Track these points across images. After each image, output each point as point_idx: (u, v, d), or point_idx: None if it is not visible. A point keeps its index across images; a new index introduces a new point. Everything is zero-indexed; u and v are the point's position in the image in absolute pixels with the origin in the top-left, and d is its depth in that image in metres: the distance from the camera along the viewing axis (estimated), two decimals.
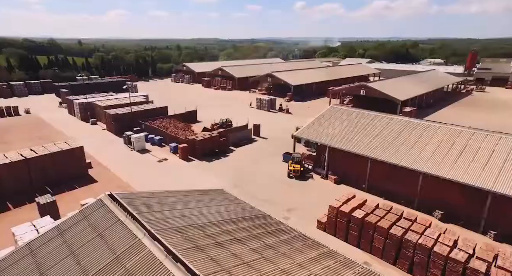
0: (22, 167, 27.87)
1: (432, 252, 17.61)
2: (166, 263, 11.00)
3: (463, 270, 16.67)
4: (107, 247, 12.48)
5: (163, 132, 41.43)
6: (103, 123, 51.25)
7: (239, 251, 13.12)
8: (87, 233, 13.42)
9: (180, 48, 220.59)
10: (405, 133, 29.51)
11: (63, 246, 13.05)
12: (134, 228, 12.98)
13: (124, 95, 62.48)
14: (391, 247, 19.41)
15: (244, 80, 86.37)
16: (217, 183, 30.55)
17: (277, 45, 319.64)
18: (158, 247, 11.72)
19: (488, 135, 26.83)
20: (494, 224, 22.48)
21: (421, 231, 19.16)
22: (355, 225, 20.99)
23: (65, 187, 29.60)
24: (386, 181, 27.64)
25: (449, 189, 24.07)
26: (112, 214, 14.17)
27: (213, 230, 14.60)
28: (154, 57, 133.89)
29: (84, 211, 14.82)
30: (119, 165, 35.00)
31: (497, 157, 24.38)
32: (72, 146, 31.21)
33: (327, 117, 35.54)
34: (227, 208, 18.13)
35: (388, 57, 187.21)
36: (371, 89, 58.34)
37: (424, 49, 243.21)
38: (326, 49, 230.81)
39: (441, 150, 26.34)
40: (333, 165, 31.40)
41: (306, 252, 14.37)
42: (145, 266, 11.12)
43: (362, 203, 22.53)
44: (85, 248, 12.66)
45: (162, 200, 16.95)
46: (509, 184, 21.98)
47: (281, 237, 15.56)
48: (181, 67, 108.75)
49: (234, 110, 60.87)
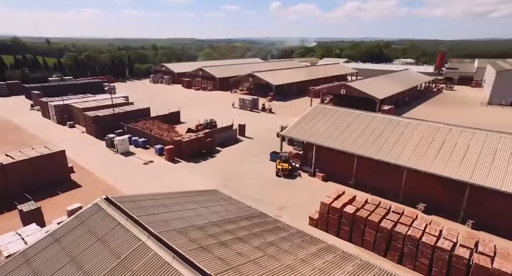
0: None
1: (421, 243, 18.60)
2: (174, 264, 11.01)
3: (449, 257, 17.72)
4: (109, 251, 12.27)
5: (148, 134, 40.67)
6: (82, 125, 49.51)
7: (243, 249, 13.30)
8: (87, 239, 13.11)
9: (156, 48, 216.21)
10: (388, 131, 30.76)
11: (62, 253, 12.68)
12: (136, 231, 12.83)
13: (103, 96, 60.63)
14: (381, 240, 20.27)
15: (225, 80, 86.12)
16: (206, 184, 30.47)
17: (254, 45, 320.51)
18: (164, 249, 11.68)
19: (463, 131, 28.54)
20: (472, 214, 24.00)
21: (409, 223, 20.14)
22: (347, 220, 21.71)
23: (46, 193, 28.41)
24: (372, 177, 28.71)
25: (431, 182, 25.40)
26: (111, 218, 13.91)
27: (214, 230, 14.68)
28: (130, 57, 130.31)
29: (80, 216, 14.43)
30: (103, 168, 34.02)
31: (472, 151, 26.01)
32: (53, 150, 30.01)
33: (312, 116, 36.31)
34: (224, 208, 18.23)
35: (363, 57, 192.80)
36: (351, 88, 60.07)
37: (396, 50, 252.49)
38: (303, 49, 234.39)
39: (422, 146, 27.72)
40: (321, 163, 32.17)
41: (306, 247, 14.77)
42: (153, 268, 11.07)
43: (352, 199, 23.33)
44: (86, 253, 12.37)
45: (159, 202, 16.80)
46: (484, 176, 23.54)
47: (280, 235, 15.88)
48: (160, 68, 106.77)
49: (217, 111, 60.64)
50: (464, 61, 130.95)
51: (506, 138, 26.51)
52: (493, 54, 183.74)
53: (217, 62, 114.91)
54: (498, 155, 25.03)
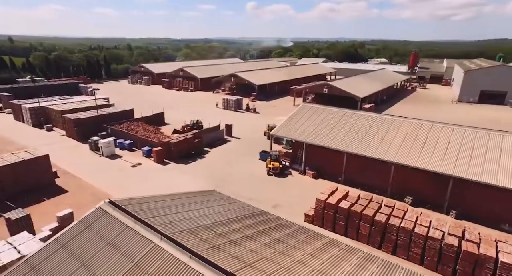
0: None
1: (413, 233, 19.64)
2: (192, 264, 11.11)
3: (439, 246, 18.85)
4: (121, 254, 12.15)
5: (134, 136, 39.79)
6: (61, 128, 47.59)
7: (254, 247, 13.56)
8: (95, 243, 12.88)
9: (132, 48, 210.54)
10: (374, 128, 31.99)
11: (71, 258, 12.39)
12: (147, 233, 12.78)
13: (81, 98, 58.57)
14: (376, 233, 21.17)
15: (206, 80, 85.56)
16: (197, 185, 30.35)
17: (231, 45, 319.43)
18: (179, 249, 11.73)
19: (444, 127, 30.24)
20: (455, 205, 25.55)
21: (401, 216, 21.18)
22: (342, 215, 22.47)
23: (31, 200, 27.21)
24: (361, 173, 29.78)
25: (417, 177, 26.76)
26: (118, 221, 13.73)
27: (222, 229, 14.83)
28: (101, 57, 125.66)
29: (85, 220, 14.11)
30: (89, 172, 32.99)
31: (453, 146, 27.65)
32: (35, 155, 28.77)
33: (300, 115, 37.03)
34: (226, 207, 18.37)
35: (339, 56, 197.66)
36: (333, 87, 61.64)
37: (370, 50, 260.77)
38: (281, 49, 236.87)
39: (407, 142, 29.11)
40: (311, 161, 32.92)
41: (312, 243, 15.25)
42: (170, 269, 11.10)
43: (345, 194, 24.14)
44: (97, 258, 12.18)
45: (162, 204, 16.70)
46: (465, 168, 25.13)
47: (284, 231, 16.26)
48: (138, 68, 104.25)
49: (201, 111, 60.24)
50: (434, 61, 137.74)
51: (482, 133, 28.38)
52: (457, 54, 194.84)
53: (197, 62, 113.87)
54: (476, 149, 26.77)
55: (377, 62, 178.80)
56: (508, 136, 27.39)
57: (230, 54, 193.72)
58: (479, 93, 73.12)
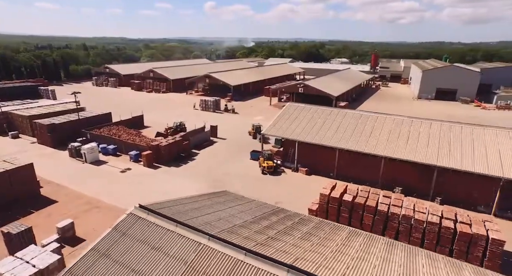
0: None
1: (414, 220, 21.51)
2: (248, 260, 11.51)
3: (438, 229, 20.88)
4: (170, 258, 12.17)
5: (118, 140, 38.21)
6: (30, 135, 44.24)
7: (291, 241, 14.20)
8: (139, 248, 12.70)
9: (87, 47, 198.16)
10: (361, 125, 34.04)
11: (117, 266, 12.13)
12: (191, 235, 12.91)
13: (48, 102, 54.68)
14: (379, 222, 22.80)
15: (178, 81, 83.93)
16: (196, 187, 30.19)
17: (192, 45, 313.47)
18: (231, 248, 12.05)
19: (422, 122, 33.09)
20: (439, 192, 28.21)
21: (400, 205, 23.02)
22: (346, 207, 23.84)
23: (16, 213, 25.24)
24: (352, 168, 31.59)
25: (404, 168, 29.08)
26: (156, 225, 13.66)
27: (255, 227, 15.27)
28: (56, 57, 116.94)
29: (119, 227, 13.79)
30: (75, 180, 31.25)
31: (433, 139, 30.42)
32: (17, 164, 26.71)
33: (288, 115, 38.15)
34: (246, 206, 18.75)
35: (303, 56, 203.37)
36: (309, 87, 63.86)
37: (330, 50, 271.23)
38: (245, 50, 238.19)
39: (393, 137, 31.45)
40: (303, 158, 34.15)
41: (338, 233, 16.24)
42: (227, 268, 11.40)
43: (345, 188, 25.58)
44: (146, 263, 12.06)
45: (188, 206, 16.70)
46: (447, 159, 27.86)
47: (309, 225, 17.08)
48: (103, 69, 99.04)
49: (179, 113, 59.21)
50: (392, 61, 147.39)
51: (455, 127, 31.53)
52: (408, 55, 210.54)
53: (167, 63, 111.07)
54: (453, 141, 29.73)
55: (339, 62, 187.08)
56: (477, 128, 30.75)
57: (196, 54, 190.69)
58: (436, 91, 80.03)
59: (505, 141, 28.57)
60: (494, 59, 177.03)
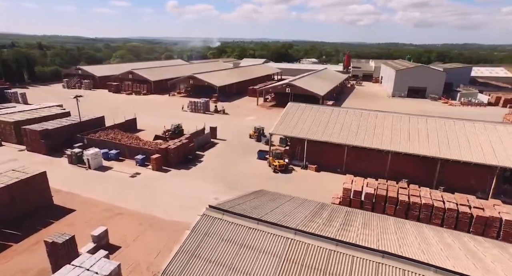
0: None
1: (434, 207, 23.61)
2: (340, 249, 12.41)
3: (456, 215, 23.15)
4: (264, 253, 12.73)
5: (120, 144, 36.94)
6: (15, 143, 41.25)
7: (362, 232, 15.23)
8: (227, 247, 13.08)
9: (42, 46, 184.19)
10: (363, 122, 36.10)
11: (213, 265, 12.40)
12: (276, 231, 13.52)
13: (26, 107, 51.07)
14: (400, 211, 24.66)
15: (159, 83, 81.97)
16: (214, 189, 30.37)
17: (155, 45, 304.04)
18: (321, 240, 12.87)
19: (419, 118, 35.87)
20: (441, 182, 30.90)
21: (417, 195, 25.10)
22: (369, 199, 25.47)
23: (35, 224, 23.87)
24: (359, 162, 33.48)
25: (409, 161, 31.45)
26: (235, 224, 14.06)
27: (319, 220, 16.12)
28: (26, 57, 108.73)
29: (197, 229, 14.01)
30: (85, 187, 29.94)
31: (432, 133, 33.18)
32: (30, 173, 25.18)
33: (291, 114, 39.31)
34: (294, 203, 19.46)
35: (273, 56, 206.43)
36: (296, 87, 65.67)
37: (299, 50, 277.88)
38: (216, 50, 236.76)
39: (395, 132, 33.80)
40: (311, 156, 35.47)
41: (387, 221, 17.58)
42: (321, 257, 12.20)
43: (364, 182, 27.25)
44: (240, 260, 12.49)
45: (247, 205, 17.10)
46: (448, 151, 30.61)
47: (359, 216, 18.25)
48: (75, 71, 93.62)
49: (169, 115, 58.14)
50: (361, 61, 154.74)
51: (449, 121, 34.61)
52: (372, 55, 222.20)
53: (145, 64, 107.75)
54: (450, 135, 32.66)
55: (310, 62, 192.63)
56: (467, 123, 34.04)
57: (167, 55, 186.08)
58: (408, 89, 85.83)
59: (493, 133, 31.98)
60: (446, 59, 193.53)
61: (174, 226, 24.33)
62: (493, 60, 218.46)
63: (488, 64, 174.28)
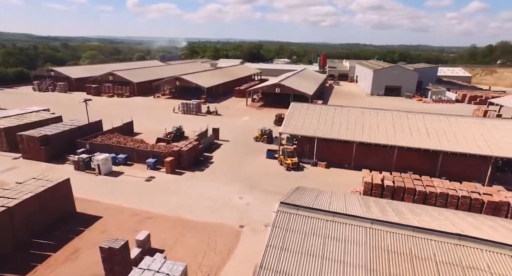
0: (4, 220, 19.94)
1: (449, 196, 25.97)
2: (417, 234, 13.70)
3: (470, 201, 25.66)
4: (349, 243, 13.68)
5: (130, 148, 35.92)
6: (6, 151, 38.56)
7: (417, 218, 16.67)
8: (313, 239, 13.85)
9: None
10: (366, 119, 38.26)
11: (305, 256, 13.12)
12: (353, 222, 14.57)
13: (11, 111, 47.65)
14: (418, 201, 26.77)
15: (142, 84, 79.74)
16: (235, 189, 30.80)
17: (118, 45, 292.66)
18: (394, 226, 14.07)
19: (416, 114, 38.74)
20: (443, 173, 33.74)
21: (431, 185, 27.40)
22: (388, 191, 27.36)
23: (66, 233, 22.93)
24: (367, 158, 35.50)
25: (413, 155, 33.97)
26: (311, 218, 14.93)
27: (376, 210, 17.35)
28: None
29: (277, 225, 14.62)
30: (102, 193, 28.97)
31: (430, 128, 36.04)
32: (57, 181, 24.06)
33: (296, 114, 40.58)
34: (341, 196, 20.46)
35: (246, 57, 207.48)
36: (285, 87, 67.23)
37: (269, 50, 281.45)
38: (188, 50, 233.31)
39: (398, 129, 36.27)
40: (320, 153, 36.97)
41: (428, 210, 19.27)
42: (402, 241, 13.42)
43: (381, 175, 29.15)
44: (330, 250, 13.32)
45: (309, 199, 17.88)
46: (448, 144, 33.50)
47: (400, 206, 19.75)
48: (47, 72, 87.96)
49: (161, 117, 57.16)
50: (335, 61, 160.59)
51: (443, 117, 37.77)
52: (341, 55, 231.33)
53: (122, 65, 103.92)
54: (446, 129, 35.70)
55: (283, 62, 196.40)
56: (459, 118, 37.40)
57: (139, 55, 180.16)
58: (384, 88, 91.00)
59: (482, 127, 35.49)
60: (407, 60, 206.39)
61: (207, 227, 24.53)
62: (447, 60, 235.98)
63: (444, 64, 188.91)
